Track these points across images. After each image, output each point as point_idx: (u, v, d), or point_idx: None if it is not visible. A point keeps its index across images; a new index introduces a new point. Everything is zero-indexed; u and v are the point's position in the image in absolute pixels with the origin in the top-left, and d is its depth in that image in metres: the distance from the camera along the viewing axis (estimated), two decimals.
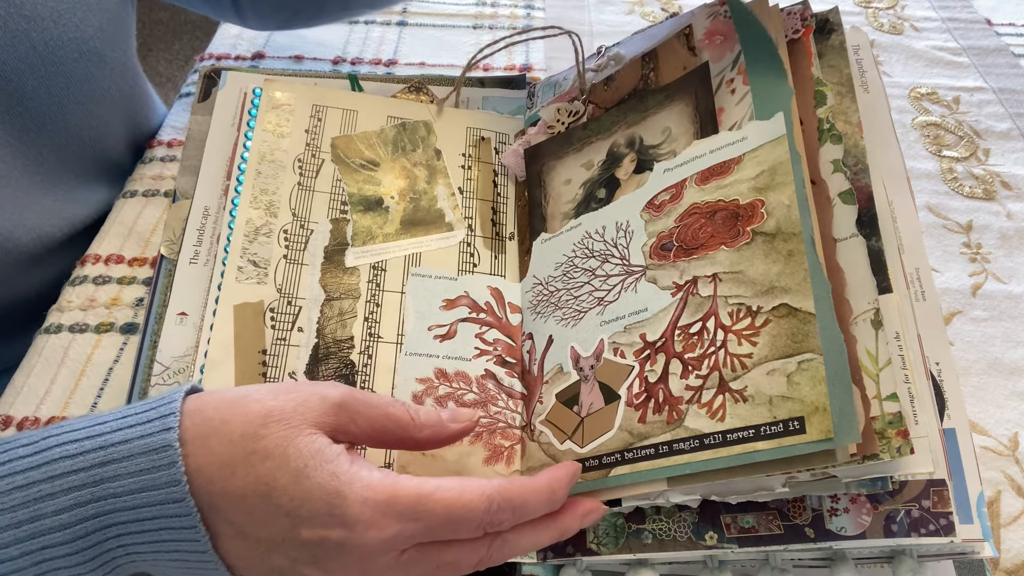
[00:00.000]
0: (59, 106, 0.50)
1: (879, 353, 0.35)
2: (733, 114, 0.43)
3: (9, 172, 0.49)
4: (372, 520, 0.31)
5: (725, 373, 0.37)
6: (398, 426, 0.35)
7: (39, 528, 0.31)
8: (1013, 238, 0.59)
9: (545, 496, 0.35)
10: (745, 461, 0.34)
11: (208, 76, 0.55)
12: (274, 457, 0.32)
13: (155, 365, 0.44)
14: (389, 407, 0.35)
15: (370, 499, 0.31)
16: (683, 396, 0.38)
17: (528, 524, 0.35)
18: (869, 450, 0.33)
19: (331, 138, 0.52)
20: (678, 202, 0.42)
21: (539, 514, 0.35)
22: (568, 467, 0.37)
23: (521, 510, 0.34)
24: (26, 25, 0.45)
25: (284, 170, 0.50)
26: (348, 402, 0.34)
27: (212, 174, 0.50)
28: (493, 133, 0.55)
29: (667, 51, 0.48)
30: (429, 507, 0.32)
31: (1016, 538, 0.44)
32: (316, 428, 0.33)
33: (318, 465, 0.32)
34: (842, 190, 0.39)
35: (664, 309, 0.40)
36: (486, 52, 0.54)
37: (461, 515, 0.32)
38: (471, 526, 0.33)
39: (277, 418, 0.32)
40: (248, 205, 0.48)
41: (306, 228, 0.49)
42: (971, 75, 0.72)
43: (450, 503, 0.32)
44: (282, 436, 0.32)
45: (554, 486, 0.35)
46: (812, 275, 0.36)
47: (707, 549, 0.38)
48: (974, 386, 0.51)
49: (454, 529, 0.33)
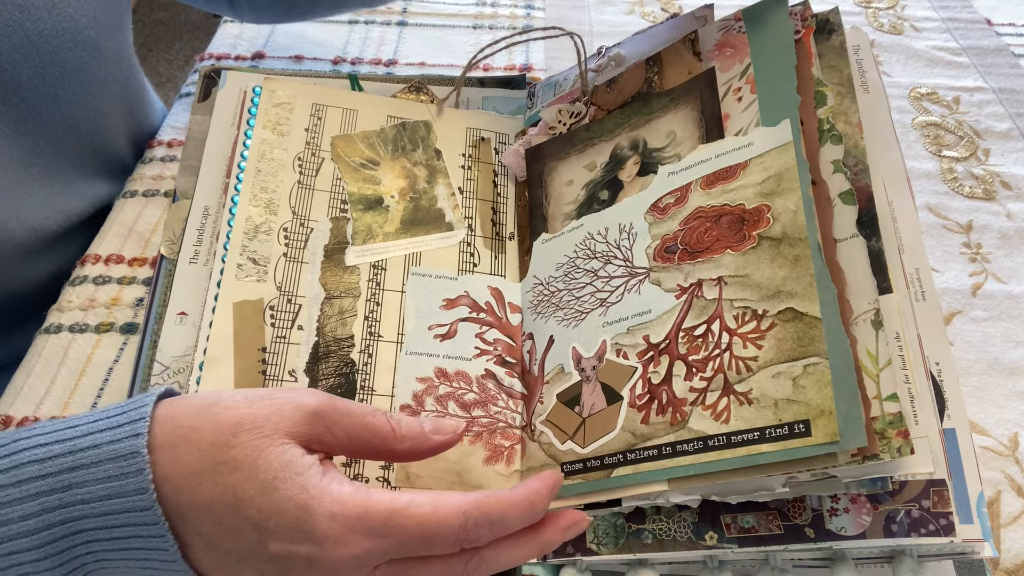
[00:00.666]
0: (55, 96, 0.50)
1: (879, 353, 0.35)
2: (739, 121, 0.43)
3: (5, 163, 0.48)
4: (341, 536, 0.31)
5: (730, 375, 0.37)
6: (377, 437, 0.34)
7: (6, 533, 0.30)
8: (1013, 238, 0.59)
9: (524, 509, 0.34)
10: (749, 463, 0.34)
11: (208, 76, 0.55)
12: (243, 468, 0.31)
13: (155, 365, 0.44)
14: (368, 416, 0.34)
15: (339, 515, 0.31)
16: (687, 398, 0.38)
17: (508, 539, 0.34)
18: (869, 450, 0.33)
19: (331, 137, 0.52)
20: (683, 205, 0.42)
21: (518, 528, 0.34)
22: (548, 478, 0.35)
23: (499, 524, 0.33)
24: (19, 14, 0.45)
25: (284, 168, 0.50)
26: (325, 411, 0.33)
27: (212, 174, 0.50)
28: (493, 133, 0.55)
29: (672, 56, 0.48)
30: (401, 523, 0.31)
31: (1016, 538, 0.44)
32: (289, 438, 0.32)
33: (288, 477, 0.31)
34: (842, 190, 0.39)
35: (668, 311, 0.40)
36: (487, 52, 0.54)
37: (435, 531, 0.31)
38: (446, 542, 0.32)
39: (248, 427, 0.32)
40: (248, 203, 0.48)
41: (306, 226, 0.49)
42: (971, 75, 0.72)
43: (423, 519, 0.31)
44: (253, 446, 0.31)
45: (533, 499, 0.34)
46: (818, 280, 0.36)
47: (707, 549, 0.38)
48: (974, 386, 0.51)
49: (428, 545, 0.32)
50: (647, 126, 0.48)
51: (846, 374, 0.34)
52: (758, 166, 0.40)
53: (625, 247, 0.44)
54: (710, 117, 0.45)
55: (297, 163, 0.50)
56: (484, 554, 0.33)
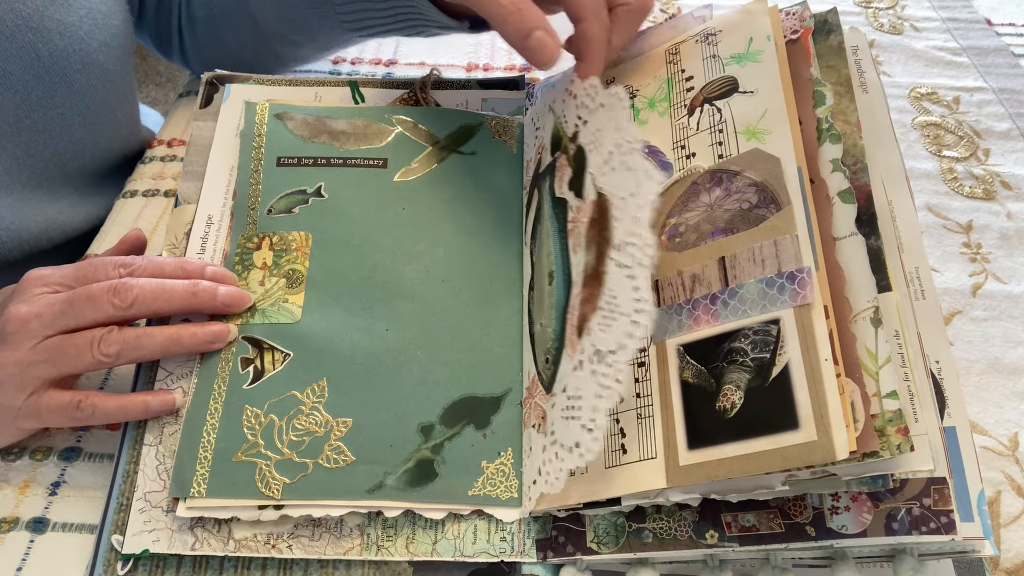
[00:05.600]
0: (62, 117, 0.51)
1: (879, 351, 0.35)
2: None
3: (12, 184, 0.49)
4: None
5: None
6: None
7: None
8: (1013, 238, 0.59)
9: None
10: None
11: (210, 83, 0.55)
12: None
13: (159, 370, 0.44)
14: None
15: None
16: None
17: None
18: (869, 447, 0.33)
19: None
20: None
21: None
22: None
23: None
24: (32, 36, 0.47)
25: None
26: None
27: (216, 185, 0.50)
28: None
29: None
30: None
31: (1016, 538, 0.44)
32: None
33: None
34: (841, 189, 0.39)
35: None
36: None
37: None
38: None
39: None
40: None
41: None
42: (971, 75, 0.72)
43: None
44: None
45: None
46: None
47: (708, 548, 0.38)
48: (974, 386, 0.51)
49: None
50: None
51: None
52: None
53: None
54: None
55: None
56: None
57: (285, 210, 0.48)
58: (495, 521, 0.41)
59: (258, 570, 0.40)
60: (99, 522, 0.41)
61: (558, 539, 0.41)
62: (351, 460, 0.41)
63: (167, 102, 0.67)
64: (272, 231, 0.47)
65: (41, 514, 0.42)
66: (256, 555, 0.39)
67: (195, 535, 0.40)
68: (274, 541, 0.40)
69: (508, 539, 0.41)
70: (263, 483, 0.40)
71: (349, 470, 0.41)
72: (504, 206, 0.50)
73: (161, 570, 0.40)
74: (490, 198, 0.50)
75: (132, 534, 0.39)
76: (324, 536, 0.40)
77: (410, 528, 0.41)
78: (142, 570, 0.40)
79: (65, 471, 0.44)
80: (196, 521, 0.40)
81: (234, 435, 0.41)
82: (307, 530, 0.40)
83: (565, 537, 0.40)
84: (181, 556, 0.40)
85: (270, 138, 0.50)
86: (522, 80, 0.58)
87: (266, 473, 0.40)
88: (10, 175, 0.49)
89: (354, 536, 0.41)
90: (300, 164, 0.50)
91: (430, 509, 0.41)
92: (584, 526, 0.40)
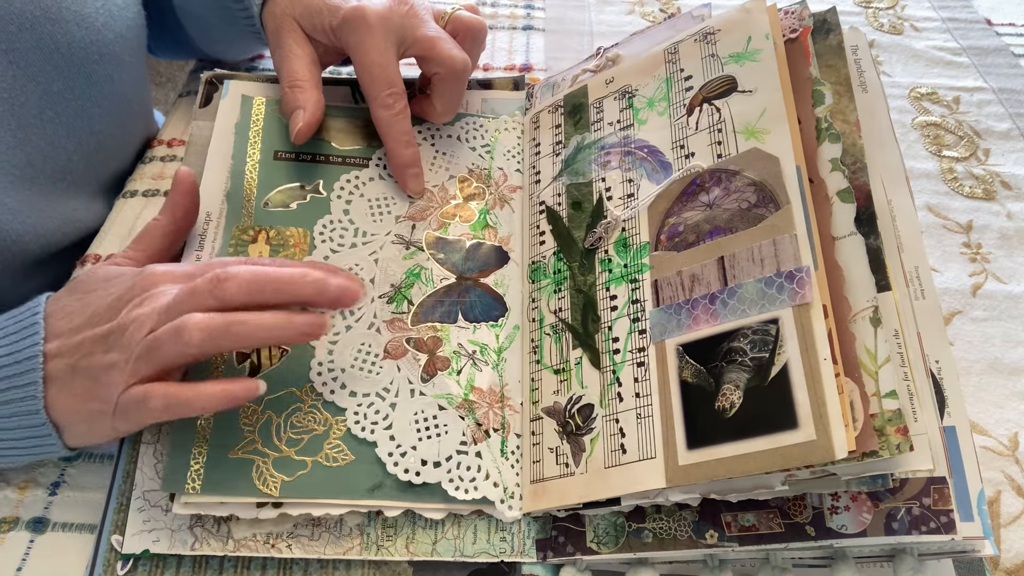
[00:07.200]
0: (83, 109, 0.51)
1: (878, 350, 0.35)
2: None
3: (36, 176, 0.50)
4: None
5: None
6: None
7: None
8: (1013, 238, 0.59)
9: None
10: None
11: (210, 82, 0.55)
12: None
13: None
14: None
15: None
16: None
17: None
18: (868, 447, 0.33)
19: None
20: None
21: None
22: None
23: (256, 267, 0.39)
24: (51, 27, 0.47)
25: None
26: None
27: (214, 181, 0.50)
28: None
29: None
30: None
31: (1016, 538, 0.44)
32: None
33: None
34: (840, 188, 0.39)
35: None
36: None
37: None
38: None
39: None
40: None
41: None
42: (971, 75, 0.72)
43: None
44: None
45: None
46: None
47: (707, 548, 0.38)
48: (974, 386, 0.51)
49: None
50: None
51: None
52: None
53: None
54: None
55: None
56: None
57: (282, 204, 0.48)
58: (495, 521, 0.41)
59: (258, 570, 0.40)
60: (99, 522, 0.41)
61: (558, 539, 0.41)
62: (351, 459, 0.41)
63: (167, 102, 0.67)
64: (269, 225, 0.47)
65: (41, 514, 0.42)
66: (256, 555, 0.39)
67: (195, 535, 0.40)
68: (274, 541, 0.40)
69: (508, 539, 0.41)
70: (261, 480, 0.40)
71: (349, 469, 0.41)
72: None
73: (161, 570, 0.40)
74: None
75: (132, 534, 0.39)
76: (324, 536, 0.40)
77: (410, 528, 0.41)
78: (142, 570, 0.40)
79: (65, 471, 0.44)
80: (196, 521, 0.40)
81: (230, 431, 0.41)
82: (307, 530, 0.40)
83: (565, 537, 0.40)
84: (181, 556, 0.40)
85: (267, 132, 0.51)
86: (522, 80, 0.58)
87: (264, 470, 0.40)
88: (34, 167, 0.49)
89: (354, 536, 0.41)
90: (298, 159, 0.50)
91: (430, 509, 0.41)
92: (584, 526, 0.40)
